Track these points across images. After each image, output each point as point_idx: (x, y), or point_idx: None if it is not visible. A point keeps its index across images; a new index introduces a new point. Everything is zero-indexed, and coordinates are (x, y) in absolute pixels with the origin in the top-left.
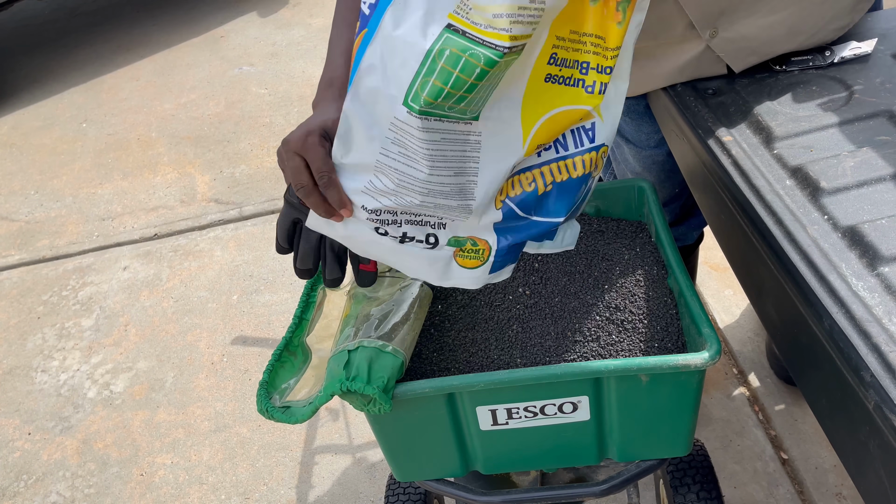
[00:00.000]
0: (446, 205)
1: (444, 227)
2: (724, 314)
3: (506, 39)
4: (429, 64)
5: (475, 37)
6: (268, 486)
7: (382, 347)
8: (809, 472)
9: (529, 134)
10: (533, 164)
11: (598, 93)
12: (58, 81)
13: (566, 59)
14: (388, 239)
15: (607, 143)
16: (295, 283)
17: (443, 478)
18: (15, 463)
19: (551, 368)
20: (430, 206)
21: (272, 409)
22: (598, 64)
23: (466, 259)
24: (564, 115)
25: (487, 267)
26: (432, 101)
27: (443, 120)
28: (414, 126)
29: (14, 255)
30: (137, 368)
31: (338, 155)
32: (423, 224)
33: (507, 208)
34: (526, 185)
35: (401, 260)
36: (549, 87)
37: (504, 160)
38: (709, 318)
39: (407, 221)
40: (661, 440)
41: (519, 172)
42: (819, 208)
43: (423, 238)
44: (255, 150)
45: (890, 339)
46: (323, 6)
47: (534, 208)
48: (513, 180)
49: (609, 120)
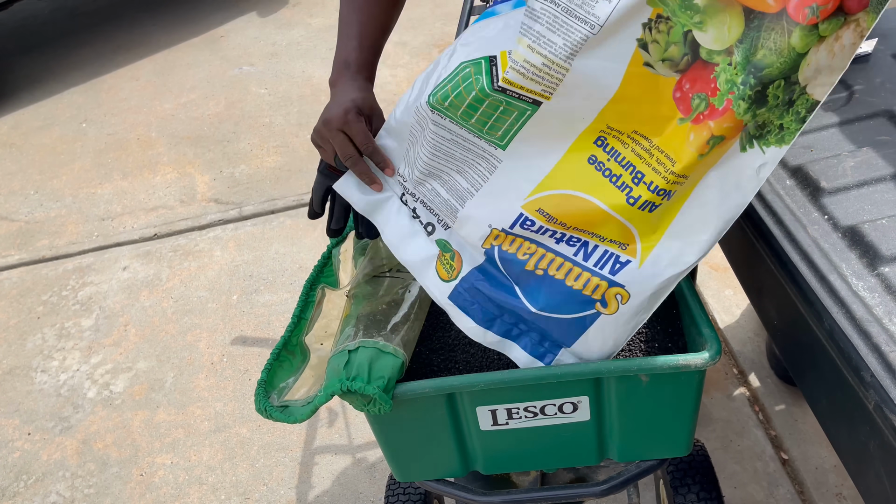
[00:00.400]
0: (440, 194)
1: (444, 228)
2: (724, 314)
3: (501, 79)
4: (452, 74)
5: (492, 69)
6: (268, 486)
7: (382, 347)
8: (809, 472)
9: (538, 193)
10: (544, 244)
11: (638, 207)
12: (58, 81)
13: (617, 150)
14: (404, 210)
15: (629, 293)
16: (295, 282)
17: (443, 478)
18: (15, 463)
19: (551, 368)
20: (430, 192)
21: (270, 409)
22: (651, 180)
23: (441, 268)
24: (588, 207)
25: (450, 288)
26: (440, 104)
27: (458, 125)
28: (427, 117)
29: (14, 255)
30: (137, 368)
31: (397, 110)
32: (431, 212)
33: (491, 255)
34: (522, 251)
35: (401, 239)
36: (588, 169)
37: (504, 196)
38: (709, 318)
39: (421, 202)
40: (662, 440)
41: (527, 238)
42: (819, 208)
43: (426, 222)
44: (255, 149)
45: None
46: (323, 6)
47: (514, 276)
48: (514, 238)
49: (646, 276)
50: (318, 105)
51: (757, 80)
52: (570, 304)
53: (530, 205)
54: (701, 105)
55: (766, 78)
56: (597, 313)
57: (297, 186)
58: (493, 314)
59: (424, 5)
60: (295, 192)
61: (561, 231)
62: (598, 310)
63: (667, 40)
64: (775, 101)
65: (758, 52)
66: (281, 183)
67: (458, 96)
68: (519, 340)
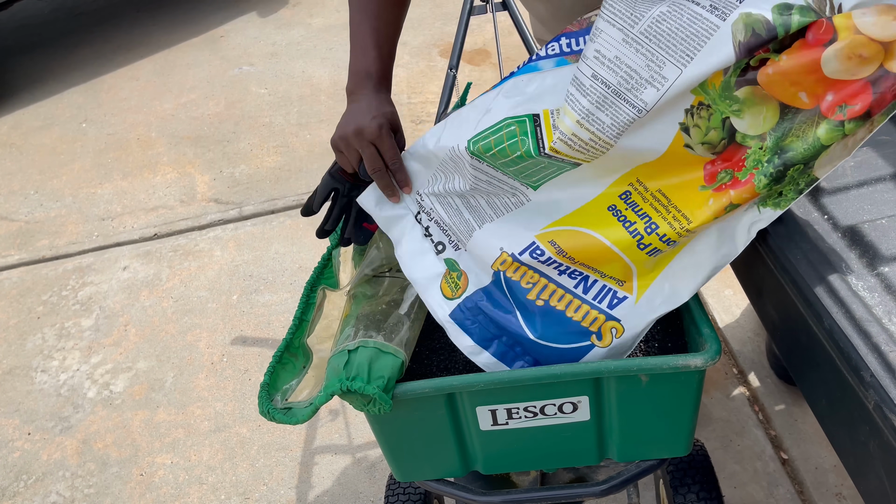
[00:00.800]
0: (462, 214)
1: (454, 249)
2: (724, 314)
3: (548, 148)
4: (495, 127)
5: (537, 130)
6: (268, 486)
7: (382, 347)
8: (809, 472)
9: (554, 227)
10: (547, 274)
11: (647, 253)
12: (58, 81)
13: (637, 203)
14: (418, 228)
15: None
16: (295, 282)
17: (443, 478)
18: (15, 463)
19: (551, 368)
20: (450, 212)
21: (274, 411)
22: (664, 233)
23: (447, 286)
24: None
25: (452, 305)
26: (481, 153)
27: (495, 169)
28: (466, 161)
29: (14, 255)
30: (137, 368)
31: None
32: (444, 231)
33: (498, 277)
34: (526, 279)
35: (412, 256)
36: (607, 214)
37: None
38: (709, 318)
39: (435, 222)
40: (661, 440)
41: (532, 268)
42: (819, 208)
43: (438, 241)
44: (255, 149)
45: (890, 339)
46: (323, 6)
47: (516, 303)
48: (520, 266)
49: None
50: (318, 105)
51: (781, 163)
52: (567, 334)
53: (544, 236)
54: (725, 178)
55: (790, 162)
56: (591, 345)
57: (297, 186)
58: (492, 334)
59: (424, 5)
60: (295, 192)
61: (566, 264)
62: (592, 342)
63: (707, 125)
64: (790, 181)
65: (787, 140)
66: (281, 183)
67: (501, 151)
68: (513, 364)
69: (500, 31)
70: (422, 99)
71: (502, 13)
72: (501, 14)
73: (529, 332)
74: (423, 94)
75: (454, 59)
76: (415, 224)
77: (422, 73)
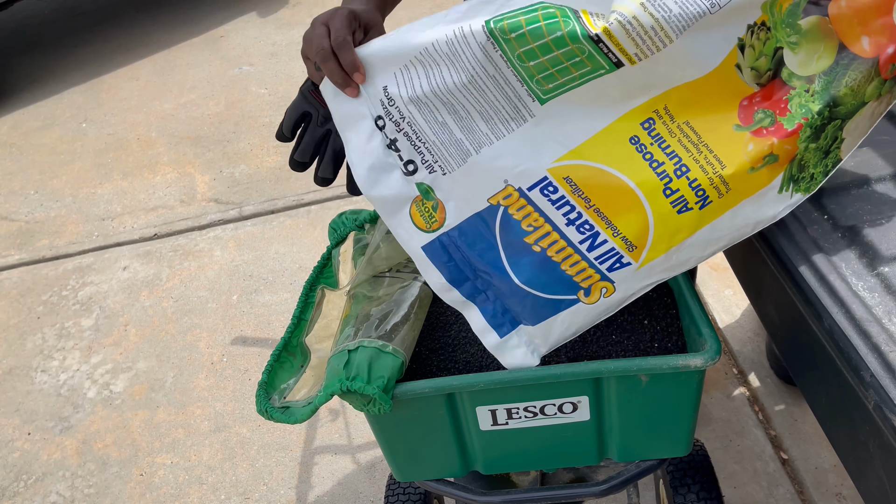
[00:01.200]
0: (452, 132)
1: (428, 171)
2: (724, 314)
3: (595, 28)
4: (528, 7)
5: (578, 15)
6: (267, 486)
7: (382, 347)
8: (809, 472)
9: (569, 160)
10: (554, 221)
11: (671, 202)
12: (58, 81)
13: (662, 137)
14: (378, 136)
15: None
16: (295, 282)
17: (443, 478)
18: (15, 463)
19: (551, 368)
20: (434, 126)
21: (272, 410)
22: (696, 177)
23: (418, 214)
24: (620, 187)
25: (426, 239)
26: (504, 33)
27: (507, 62)
28: (476, 43)
29: (14, 255)
30: (137, 368)
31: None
32: (416, 149)
33: (492, 213)
34: (528, 221)
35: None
36: (629, 148)
37: (530, 154)
38: (709, 318)
39: (405, 135)
40: (661, 440)
41: (539, 210)
42: (819, 208)
43: (407, 159)
44: (255, 149)
45: (890, 339)
46: (323, 6)
47: (506, 243)
48: (525, 205)
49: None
50: None
51: (830, 114)
52: (554, 284)
53: (558, 170)
54: (765, 120)
55: (835, 114)
56: (576, 300)
57: (297, 186)
58: (466, 276)
59: (424, 5)
60: (295, 192)
61: (580, 209)
62: (579, 297)
63: (760, 49)
64: (824, 141)
65: (840, 88)
66: (281, 183)
67: (535, 31)
68: (482, 306)
69: None
70: None
71: None
72: None
73: (514, 274)
74: None
75: None
76: (374, 130)
77: None
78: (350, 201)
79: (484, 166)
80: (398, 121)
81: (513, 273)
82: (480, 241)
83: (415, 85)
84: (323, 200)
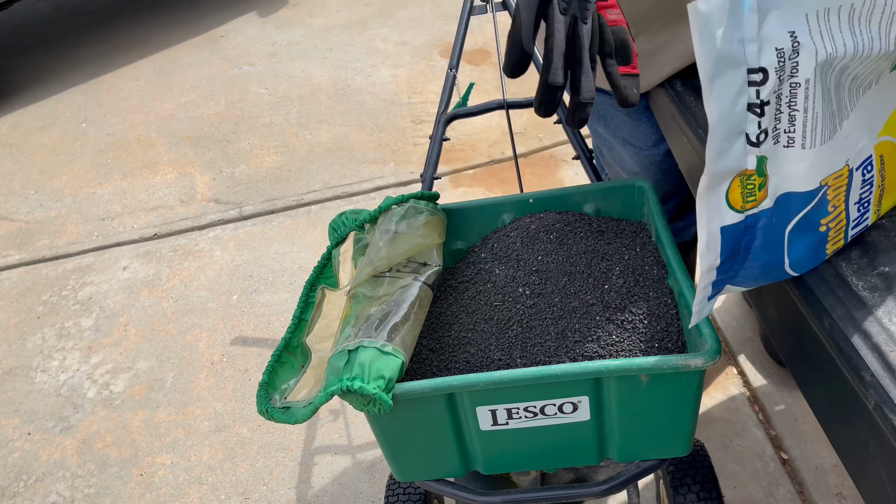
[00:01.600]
0: (830, 100)
1: (773, 143)
2: (724, 314)
3: None
4: None
5: None
6: (267, 486)
7: (382, 347)
8: (809, 472)
9: (883, 136)
10: (849, 204)
11: None
12: (58, 81)
13: None
14: (746, 95)
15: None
16: (295, 282)
17: (443, 478)
18: (15, 463)
19: (551, 368)
20: (824, 93)
21: (272, 410)
22: None
23: (738, 191)
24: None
25: (733, 219)
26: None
27: None
28: None
29: (14, 255)
30: (137, 368)
31: None
32: (778, 116)
33: (813, 195)
34: (833, 203)
35: (727, 132)
36: None
37: (863, 128)
38: (709, 318)
39: (779, 97)
40: (662, 440)
41: (847, 191)
42: None
43: (764, 127)
44: (255, 149)
45: (890, 339)
46: (323, 6)
47: (797, 225)
48: (840, 189)
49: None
50: (318, 105)
51: None
52: (810, 264)
53: (878, 147)
54: None
55: None
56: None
57: (297, 186)
58: (734, 260)
59: (424, 5)
60: (295, 192)
61: (875, 189)
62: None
63: None
64: None
65: None
66: (281, 183)
67: None
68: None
69: (500, 31)
70: (422, 99)
71: (502, 13)
72: (501, 14)
73: (787, 255)
74: (424, 94)
75: (454, 59)
76: (744, 87)
77: (422, 73)
78: (350, 201)
79: (839, 143)
80: (784, 79)
81: (787, 255)
82: (780, 224)
83: (835, 40)
84: (323, 200)
